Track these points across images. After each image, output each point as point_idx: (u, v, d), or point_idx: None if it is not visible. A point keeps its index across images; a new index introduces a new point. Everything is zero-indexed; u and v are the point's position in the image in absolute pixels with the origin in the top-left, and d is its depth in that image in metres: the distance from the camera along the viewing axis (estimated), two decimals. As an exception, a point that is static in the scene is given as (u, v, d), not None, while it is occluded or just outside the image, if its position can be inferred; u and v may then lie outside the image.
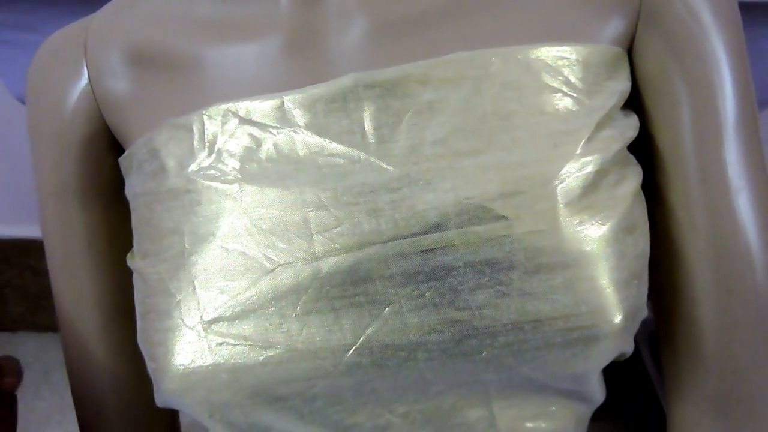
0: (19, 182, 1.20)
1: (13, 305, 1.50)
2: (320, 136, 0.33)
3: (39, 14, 1.00)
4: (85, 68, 0.40)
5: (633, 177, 0.34)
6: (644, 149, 0.37)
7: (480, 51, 0.32)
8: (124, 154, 0.39)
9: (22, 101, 0.61)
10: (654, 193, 0.37)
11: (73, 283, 0.43)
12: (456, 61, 0.32)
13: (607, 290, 0.31)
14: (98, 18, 0.41)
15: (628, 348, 0.34)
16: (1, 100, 1.15)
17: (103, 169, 0.42)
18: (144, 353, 0.35)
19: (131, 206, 0.38)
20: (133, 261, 0.37)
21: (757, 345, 0.35)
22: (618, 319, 0.31)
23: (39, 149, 0.42)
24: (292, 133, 0.33)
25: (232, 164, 0.33)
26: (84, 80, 0.40)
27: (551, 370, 0.32)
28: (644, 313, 0.34)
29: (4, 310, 1.51)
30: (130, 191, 0.38)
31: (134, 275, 0.37)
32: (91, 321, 0.43)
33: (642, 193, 0.35)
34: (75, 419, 0.46)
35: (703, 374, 0.36)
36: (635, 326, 0.34)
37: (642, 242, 0.34)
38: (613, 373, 0.43)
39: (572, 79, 0.33)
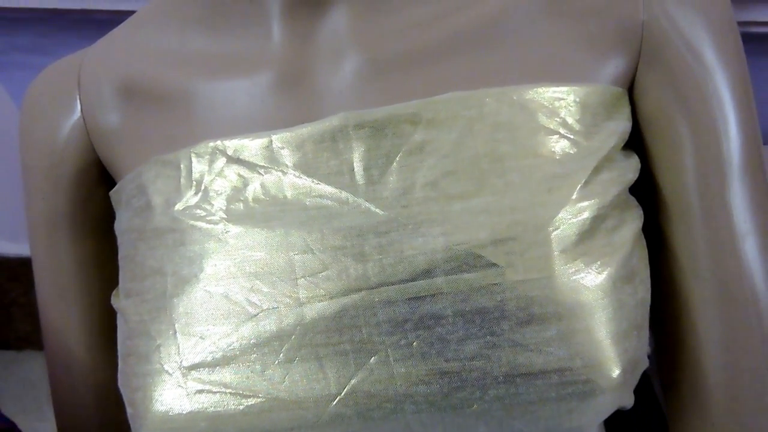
0: (26, 202, 1.21)
1: (19, 323, 1.51)
2: (308, 177, 0.32)
3: (52, 38, 1.02)
4: (78, 101, 0.39)
5: (633, 221, 0.33)
6: (646, 190, 0.36)
7: (473, 91, 0.32)
8: (114, 188, 0.38)
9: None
10: (656, 235, 0.36)
11: (60, 315, 0.42)
12: (448, 101, 0.31)
13: (605, 343, 0.29)
14: (92, 51, 0.41)
15: (628, 401, 0.33)
16: (11, 120, 1.16)
17: (94, 202, 0.41)
18: (124, 397, 0.34)
19: (119, 242, 0.38)
20: (117, 300, 0.36)
21: (764, 396, 0.33)
22: (616, 373, 0.30)
23: (30, 180, 0.42)
24: (280, 174, 0.32)
25: (218, 204, 0.33)
26: (77, 113, 0.40)
27: (545, 424, 0.31)
28: (645, 364, 0.33)
29: (10, 328, 1.51)
30: (118, 227, 0.38)
31: (118, 315, 0.36)
32: (77, 353, 0.42)
33: (643, 238, 0.34)
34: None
35: (709, 425, 0.35)
36: (635, 379, 0.32)
37: (642, 290, 0.32)
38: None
39: (569, 120, 0.32)
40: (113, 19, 0.89)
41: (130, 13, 0.42)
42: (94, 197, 0.41)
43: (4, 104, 1.16)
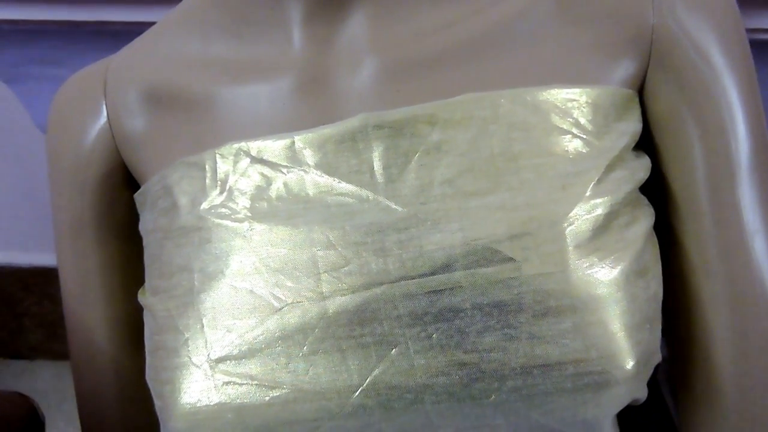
0: (39, 211, 1.22)
1: (31, 333, 1.51)
2: (329, 176, 0.33)
3: (65, 50, 1.04)
4: (104, 107, 0.41)
5: (645, 218, 0.34)
6: (657, 190, 0.37)
7: (488, 92, 0.33)
8: (139, 191, 0.39)
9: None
10: (667, 234, 0.37)
11: (87, 315, 0.43)
12: (464, 103, 0.33)
13: (619, 335, 0.30)
14: (118, 58, 0.42)
15: (641, 394, 0.34)
16: (26, 131, 1.18)
17: (119, 205, 0.43)
18: (152, 391, 0.35)
19: (144, 242, 0.39)
20: (144, 297, 0.38)
21: None
22: (630, 364, 0.30)
23: (57, 184, 0.43)
24: (302, 173, 0.33)
25: (242, 203, 0.34)
26: (103, 118, 0.41)
27: (561, 415, 0.32)
28: (658, 357, 0.34)
29: (22, 338, 1.52)
30: (143, 227, 0.39)
31: (145, 312, 0.37)
32: (103, 353, 0.43)
33: (654, 235, 0.35)
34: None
35: (721, 420, 0.35)
36: (648, 372, 0.33)
37: (654, 285, 0.33)
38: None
39: (582, 120, 0.33)
40: (128, 30, 0.91)
41: (146, 24, 0.43)
42: (119, 200, 0.42)
43: (19, 115, 1.18)
